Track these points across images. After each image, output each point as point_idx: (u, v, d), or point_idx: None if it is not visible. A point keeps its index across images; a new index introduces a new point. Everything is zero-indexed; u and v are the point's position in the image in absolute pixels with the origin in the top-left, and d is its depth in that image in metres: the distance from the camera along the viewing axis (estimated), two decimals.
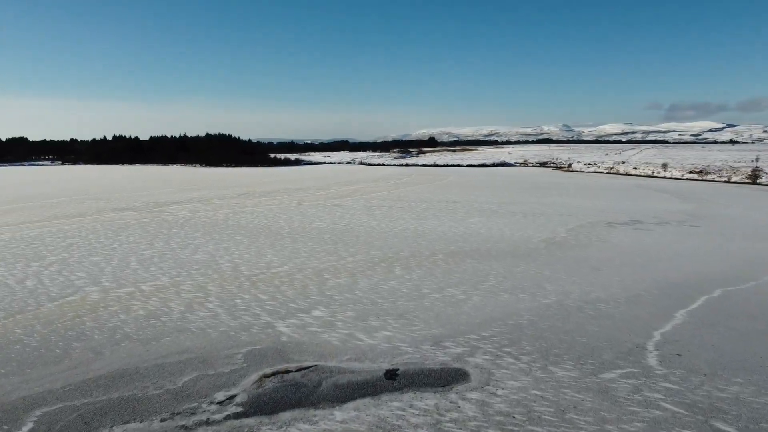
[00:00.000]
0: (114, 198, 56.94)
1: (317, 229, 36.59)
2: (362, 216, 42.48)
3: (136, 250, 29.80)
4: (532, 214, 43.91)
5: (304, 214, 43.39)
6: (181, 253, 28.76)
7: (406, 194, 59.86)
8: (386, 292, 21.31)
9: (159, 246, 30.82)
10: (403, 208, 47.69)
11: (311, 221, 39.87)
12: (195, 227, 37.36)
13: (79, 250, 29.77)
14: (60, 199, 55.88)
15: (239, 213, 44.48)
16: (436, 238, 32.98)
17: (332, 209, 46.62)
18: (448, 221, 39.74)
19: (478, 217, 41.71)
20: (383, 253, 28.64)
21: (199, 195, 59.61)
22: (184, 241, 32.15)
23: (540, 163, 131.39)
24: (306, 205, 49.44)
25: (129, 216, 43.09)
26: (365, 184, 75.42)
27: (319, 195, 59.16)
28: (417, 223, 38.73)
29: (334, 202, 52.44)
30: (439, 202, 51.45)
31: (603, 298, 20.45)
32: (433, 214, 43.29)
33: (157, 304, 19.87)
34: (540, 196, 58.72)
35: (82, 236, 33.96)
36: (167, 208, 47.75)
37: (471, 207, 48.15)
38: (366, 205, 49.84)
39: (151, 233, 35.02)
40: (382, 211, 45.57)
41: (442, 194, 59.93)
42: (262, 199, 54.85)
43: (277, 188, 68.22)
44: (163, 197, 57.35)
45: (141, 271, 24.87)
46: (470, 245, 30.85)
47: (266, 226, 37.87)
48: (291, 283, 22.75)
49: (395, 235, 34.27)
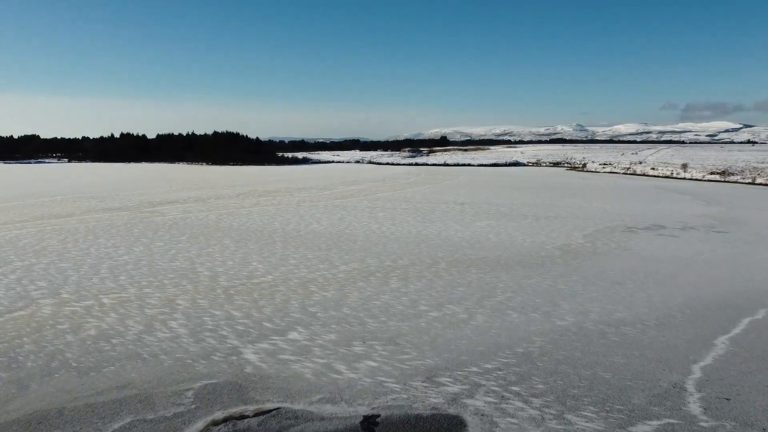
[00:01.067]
0: (109, 197, 54.75)
1: (313, 232, 33.97)
2: (363, 218, 39.81)
3: (112, 255, 27.35)
4: (545, 217, 40.99)
5: (302, 216, 40.79)
6: (159, 260, 26.26)
7: (412, 195, 57.12)
8: (378, 309, 18.62)
9: (138, 251, 28.36)
10: (408, 209, 44.96)
11: (308, 224, 37.26)
12: (183, 229, 34.90)
13: (50, 254, 27.38)
14: (53, 198, 53.80)
15: (234, 214, 41.99)
16: (440, 244, 30.24)
17: (333, 211, 44.00)
18: (455, 225, 36.96)
19: (487, 221, 38.88)
20: (380, 261, 25.95)
21: (197, 194, 57.30)
22: (167, 246, 29.67)
23: (553, 163, 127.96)
24: (306, 206, 46.86)
25: (118, 216, 40.76)
26: (371, 183, 72.78)
27: (322, 195, 56.60)
28: (421, 227, 35.98)
29: (336, 202, 49.82)
30: (446, 204, 48.66)
31: (628, 320, 17.60)
32: (439, 217, 40.51)
33: (114, 322, 17.33)
34: (554, 197, 55.71)
35: (60, 239, 31.61)
36: (160, 208, 45.39)
37: (480, 209, 45.31)
38: (369, 206, 47.17)
39: (134, 236, 32.60)
40: (385, 213, 42.88)
41: (450, 195, 57.12)
42: (261, 199, 52.36)
43: (279, 188, 65.77)
44: (160, 196, 55.09)
45: (109, 281, 22.37)
46: (477, 252, 28.08)
47: (259, 228, 35.31)
48: (271, 297, 20.13)
49: (396, 239, 31.57)
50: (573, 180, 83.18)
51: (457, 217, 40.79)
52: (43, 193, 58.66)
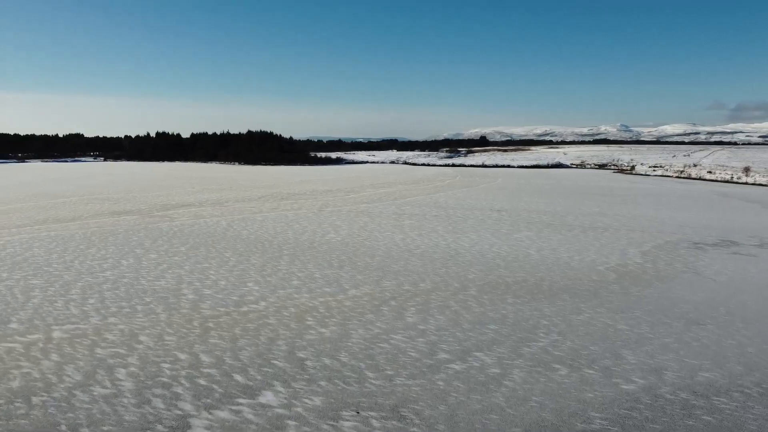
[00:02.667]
0: (124, 198, 52.14)
1: (327, 244, 30.07)
2: (387, 227, 35.72)
3: (94, 270, 23.99)
4: (593, 228, 36.10)
5: (321, 224, 36.96)
6: (144, 277, 22.74)
7: (444, 199, 52.71)
8: (384, 357, 14.51)
9: (125, 264, 24.96)
10: (438, 217, 40.64)
11: (325, 233, 33.39)
12: (185, 238, 31.49)
13: (27, 268, 24.20)
14: (68, 199, 51.48)
15: (247, 220, 38.48)
16: (472, 261, 25.91)
17: (355, 217, 40.05)
18: (490, 236, 32.50)
19: (527, 232, 34.27)
20: (398, 284, 21.81)
21: (216, 197, 54.21)
22: (159, 259, 26.21)
23: (599, 165, 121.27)
24: (327, 212, 43.04)
25: (123, 221, 37.74)
26: (402, 186, 68.62)
27: (347, 199, 52.74)
28: (451, 238, 31.66)
29: (361, 207, 45.87)
30: (481, 211, 44.12)
31: (720, 384, 13.03)
32: (472, 226, 36.08)
33: (49, 369, 13.71)
34: (602, 204, 50.46)
35: (48, 248, 28.55)
36: (172, 213, 42.30)
37: (519, 217, 40.64)
38: (396, 212, 43.05)
39: (130, 245, 29.32)
40: (412, 220, 38.68)
41: (486, 200, 52.49)
42: (281, 203, 48.83)
43: (304, 190, 62.26)
44: (177, 198, 52.19)
45: (74, 305, 18.88)
46: (514, 273, 23.65)
47: (269, 238, 31.62)
48: (256, 334, 16.25)
49: (421, 254, 27.37)
50: (622, 184, 77.20)
51: (492, 226, 36.28)
52: (60, 194, 56.55)
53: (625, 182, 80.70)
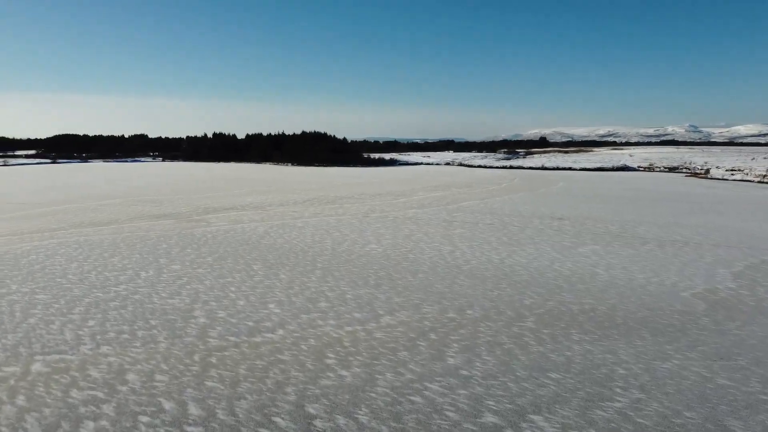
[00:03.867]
0: (168, 200, 50.97)
1: (367, 256, 27.17)
2: (436, 237, 32.50)
3: (108, 283, 21.95)
4: (671, 241, 31.72)
5: (363, 231, 34.12)
6: (157, 294, 20.47)
7: (500, 205, 48.93)
8: (413, 419, 11.42)
9: (143, 277, 22.85)
10: (493, 225, 37.06)
11: (366, 243, 30.53)
12: (216, 246, 29.31)
13: (40, 279, 22.43)
14: (112, 201, 50.75)
15: (286, 227, 36.08)
16: (529, 281, 22.42)
17: (401, 225, 37.00)
18: (550, 250, 28.80)
19: (593, 245, 30.32)
20: (441, 310, 18.64)
21: (261, 200, 52.34)
22: (182, 271, 24.00)
23: (669, 168, 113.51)
24: (372, 218, 40.19)
25: (159, 226, 36.08)
26: (456, 189, 65.05)
27: (396, 203, 49.76)
28: (505, 252, 28.17)
29: (410, 213, 42.78)
30: (540, 219, 40.19)
31: None
32: (530, 238, 32.38)
33: (5, 420, 11.35)
34: (678, 212, 45.45)
35: (71, 256, 26.93)
36: (210, 217, 40.48)
37: (582, 227, 36.55)
38: (446, 219, 39.73)
39: (156, 253, 27.35)
40: (464, 229, 35.29)
41: (547, 206, 48.36)
42: (326, 207, 46.36)
43: (352, 193, 59.70)
44: (221, 201, 50.61)
45: (70, 329, 16.70)
46: (580, 299, 20.04)
47: (304, 249, 29.02)
48: (263, 376, 13.48)
49: (470, 272, 24.06)
50: (697, 189, 70.88)
51: (553, 238, 32.46)
52: (107, 195, 56.12)
53: (701, 187, 74.14)
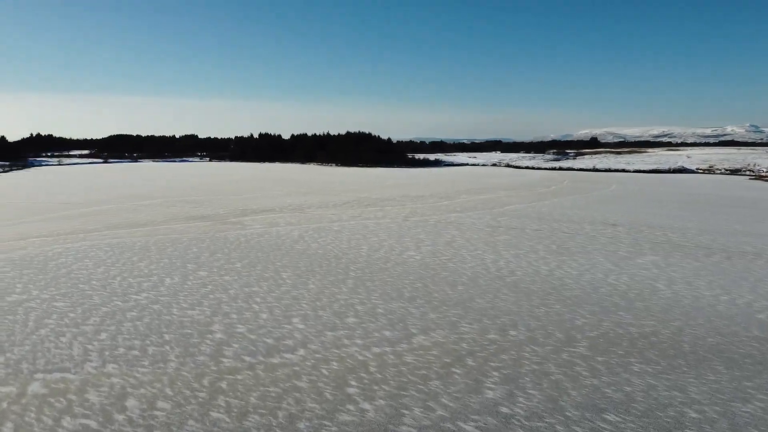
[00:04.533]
0: (207, 201, 50.50)
1: (403, 264, 25.44)
2: (478, 243, 30.49)
3: (130, 291, 20.96)
4: (740, 252, 28.76)
5: (401, 237, 32.41)
6: (177, 304, 19.31)
7: (549, 209, 46.33)
8: None
9: (167, 284, 21.79)
10: (540, 231, 34.72)
11: (404, 249, 28.81)
12: (248, 251, 28.15)
13: (62, 285, 21.66)
14: (153, 201, 50.65)
15: (322, 230, 34.71)
16: (581, 297, 20.24)
17: (443, 230, 35.09)
18: (604, 261, 26.40)
19: (652, 255, 27.72)
20: (480, 330, 16.74)
21: (300, 201, 51.28)
22: (208, 278, 22.85)
23: (730, 170, 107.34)
24: (412, 222, 38.43)
25: (193, 228, 35.31)
26: (503, 192, 62.54)
27: (439, 206, 47.81)
28: (554, 262, 25.96)
29: (452, 217, 40.79)
30: (591, 225, 37.55)
31: None
32: (581, 246, 29.97)
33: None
34: (745, 219, 41.91)
35: (100, 259, 26.23)
36: (247, 219, 39.54)
37: (639, 235, 33.79)
38: (491, 224, 37.58)
39: (186, 258, 26.37)
40: (509, 235, 33.12)
41: (599, 211, 45.51)
42: (365, 210, 44.85)
43: (394, 195, 58.02)
44: (260, 202, 49.79)
45: (80, 342, 15.64)
46: (639, 320, 17.77)
47: (338, 254, 27.52)
48: (275, 407, 11.95)
49: (514, 284, 22.03)
50: (764, 194, 66.14)
51: (607, 246, 29.97)
52: (149, 195, 56.20)
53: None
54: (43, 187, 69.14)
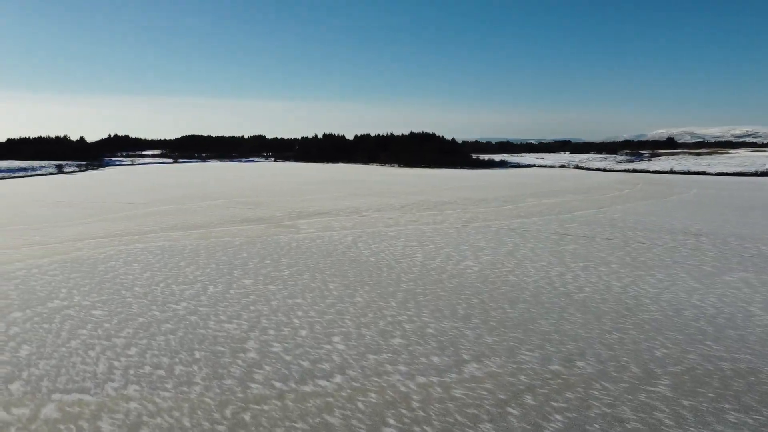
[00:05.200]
0: (265, 203, 50.13)
1: (460, 276, 23.55)
2: (543, 254, 28.16)
3: (170, 299, 20.15)
4: None
5: (460, 244, 30.47)
6: (215, 316, 18.26)
7: (622, 215, 43.02)
8: None
9: (209, 293, 20.87)
10: (613, 241, 31.89)
11: (462, 258, 26.90)
12: (297, 258, 27.03)
13: (105, 291, 21.15)
14: (212, 202, 50.77)
15: (377, 235, 33.24)
16: (660, 322, 17.74)
17: (504, 237, 32.87)
18: (686, 277, 23.55)
19: (741, 272, 24.57)
20: (542, 358, 14.69)
21: (358, 204, 50.08)
22: (252, 287, 21.79)
23: None
24: (473, 228, 36.35)
25: (246, 231, 34.66)
26: (571, 196, 59.17)
27: (502, 211, 45.40)
28: (628, 277, 23.36)
29: (515, 224, 38.40)
30: (671, 234, 34.27)
31: None
32: (659, 259, 27.08)
33: None
34: None
35: (148, 263, 25.77)
36: (302, 222, 38.64)
37: (726, 247, 30.38)
38: (557, 231, 34.99)
39: (233, 264, 25.52)
40: (577, 245, 30.54)
41: (679, 218, 41.82)
42: (424, 214, 43.07)
43: (455, 198, 55.90)
44: (318, 204, 48.94)
45: (107, 357, 14.76)
46: (733, 354, 15.19)
47: (391, 263, 25.93)
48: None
49: (583, 302, 19.73)
50: None
51: (689, 260, 26.95)
52: (210, 196, 56.55)
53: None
54: (112, 186, 71.31)
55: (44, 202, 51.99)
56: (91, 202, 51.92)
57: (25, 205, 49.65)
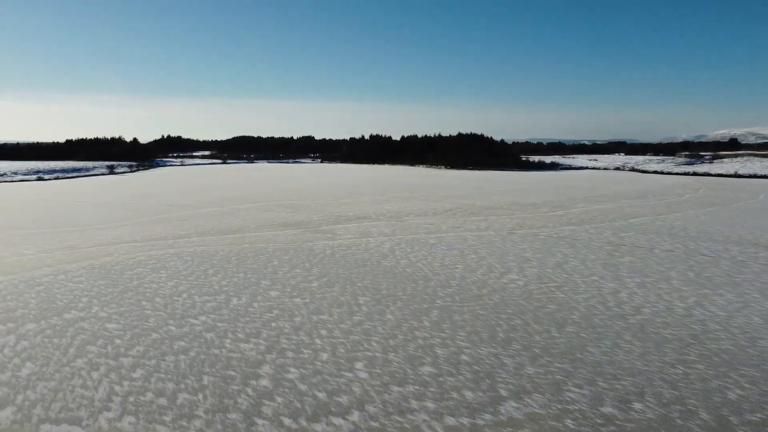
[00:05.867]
0: (304, 206, 49.09)
1: (502, 292, 21.61)
2: (595, 266, 25.85)
3: (190, 312, 19.02)
4: None
5: (504, 255, 28.43)
6: (233, 333, 16.98)
7: (682, 224, 39.87)
8: None
9: (231, 306, 19.65)
10: (673, 253, 29.18)
11: (505, 271, 24.91)
12: (329, 267, 25.64)
13: (125, 302, 20.22)
14: (252, 205, 50.09)
15: (416, 243, 31.53)
16: (733, 353, 15.40)
17: (552, 247, 30.61)
18: (759, 297, 20.89)
19: None
20: (593, 398, 12.69)
21: (400, 207, 48.43)
22: (277, 300, 20.47)
23: None
24: (519, 236, 34.15)
25: (281, 237, 33.55)
26: (626, 201, 55.82)
27: (551, 217, 42.88)
28: (692, 297, 20.88)
29: (565, 231, 35.96)
30: (739, 246, 31.19)
31: None
32: (727, 275, 24.37)
33: None
34: None
35: (175, 271, 24.87)
36: (340, 227, 37.30)
37: None
38: (611, 241, 32.42)
39: (261, 273, 24.33)
40: (633, 257, 28.02)
41: (747, 228, 38.40)
42: (467, 220, 41.05)
43: (502, 202, 53.51)
44: (358, 208, 47.57)
45: (110, 380, 13.62)
46: None
47: (428, 275, 24.20)
48: None
49: (641, 327, 17.50)
50: None
51: (761, 277, 24.13)
52: (251, 198, 55.98)
53: None
54: (156, 187, 71.98)
55: (89, 203, 52.54)
56: (134, 203, 52.12)
57: (69, 206, 50.22)
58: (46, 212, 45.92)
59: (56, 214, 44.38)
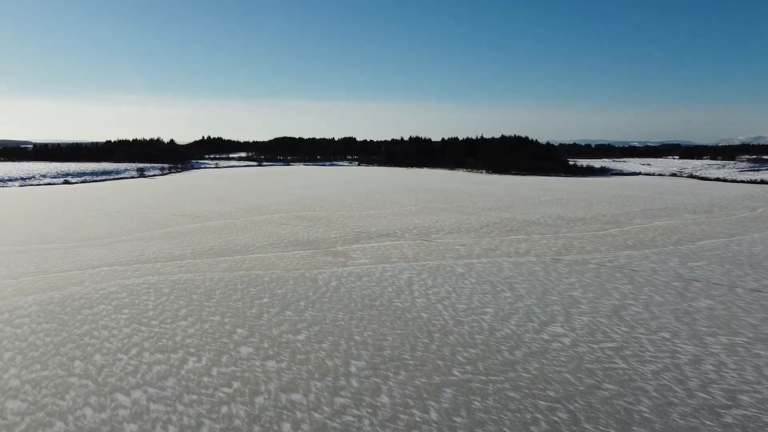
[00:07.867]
0: (324, 218, 44.47)
1: (543, 356, 16.36)
2: (664, 315, 20.22)
3: (128, 382, 14.54)
4: None
5: (546, 293, 23.06)
6: (162, 427, 12.34)
7: (764, 249, 33.36)
8: None
9: (182, 374, 15.13)
10: (764, 295, 23.19)
11: (548, 320, 19.61)
12: (329, 309, 20.87)
13: (53, 358, 15.95)
14: (269, 216, 45.81)
15: (440, 273, 26.44)
16: None
17: (607, 281, 25.01)
18: None
19: None
20: None
21: (429, 222, 43.26)
22: (247, 363, 15.83)
23: None
24: (565, 263, 28.61)
25: (285, 262, 29.00)
26: (689, 216, 49.04)
27: (604, 237, 36.97)
28: None
29: (622, 257, 30.17)
30: None
31: None
32: None
33: None
34: None
35: (139, 310, 20.56)
36: (357, 247, 32.52)
37: None
38: (680, 274, 26.56)
39: (245, 316, 19.77)
40: (712, 300, 22.21)
41: None
42: (505, 240, 35.58)
43: (546, 215, 47.63)
44: (381, 222, 42.64)
45: None
46: None
47: (448, 324, 19.10)
48: None
49: (743, 428, 12.05)
50: None
51: None
52: (271, 208, 51.72)
53: None
54: (179, 194, 68.81)
55: (99, 212, 49.37)
56: (144, 213, 48.66)
57: (75, 216, 47.10)
58: (47, 224, 42.79)
59: (57, 227, 41.16)
